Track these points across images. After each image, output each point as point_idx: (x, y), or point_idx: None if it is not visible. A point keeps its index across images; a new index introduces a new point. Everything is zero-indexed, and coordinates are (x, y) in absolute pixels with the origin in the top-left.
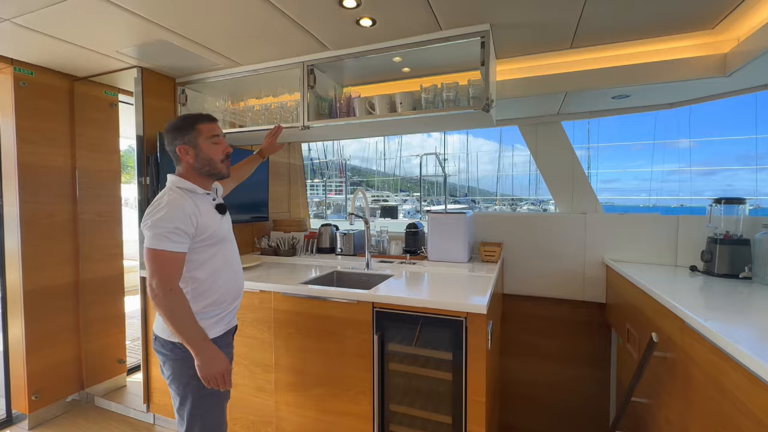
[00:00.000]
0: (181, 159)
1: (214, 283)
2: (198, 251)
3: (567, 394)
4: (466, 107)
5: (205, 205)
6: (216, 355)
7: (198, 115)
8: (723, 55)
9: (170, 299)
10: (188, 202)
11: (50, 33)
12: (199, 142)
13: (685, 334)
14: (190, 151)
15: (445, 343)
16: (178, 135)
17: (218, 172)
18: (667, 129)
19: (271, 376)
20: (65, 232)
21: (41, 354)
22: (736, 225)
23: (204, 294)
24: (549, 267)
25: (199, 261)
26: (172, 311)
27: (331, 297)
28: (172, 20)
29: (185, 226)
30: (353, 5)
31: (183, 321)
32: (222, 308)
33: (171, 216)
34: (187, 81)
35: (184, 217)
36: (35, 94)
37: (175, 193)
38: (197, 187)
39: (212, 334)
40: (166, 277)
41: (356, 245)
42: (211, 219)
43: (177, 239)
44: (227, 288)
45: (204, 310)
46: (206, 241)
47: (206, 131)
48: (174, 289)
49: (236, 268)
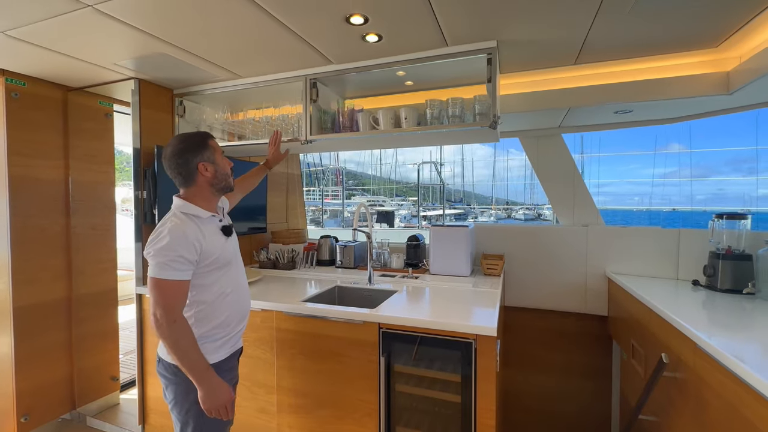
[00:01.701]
0: (198, 176)
1: (219, 306)
2: (203, 276)
3: (568, 406)
4: (473, 123)
5: (210, 228)
6: (219, 386)
7: (204, 133)
8: (726, 73)
9: (174, 330)
10: (191, 228)
11: (45, 45)
12: (216, 157)
13: (698, 356)
14: (209, 167)
15: (453, 365)
16: (198, 152)
17: (230, 185)
18: (666, 136)
19: (273, 398)
20: (57, 246)
21: (31, 373)
22: (738, 240)
23: (209, 317)
24: (550, 279)
25: (204, 285)
26: (176, 342)
27: (336, 317)
28: (173, 34)
29: (188, 253)
30: (360, 21)
31: (186, 352)
32: (228, 331)
33: (173, 244)
34: (185, 92)
35: (187, 244)
36: (28, 105)
37: (178, 219)
38: (202, 211)
39: (217, 357)
40: (169, 308)
41: (357, 257)
42: (216, 243)
43: (180, 267)
44: (233, 310)
45: (209, 333)
46: (211, 266)
47: (217, 148)
48: (178, 320)
49: (242, 290)
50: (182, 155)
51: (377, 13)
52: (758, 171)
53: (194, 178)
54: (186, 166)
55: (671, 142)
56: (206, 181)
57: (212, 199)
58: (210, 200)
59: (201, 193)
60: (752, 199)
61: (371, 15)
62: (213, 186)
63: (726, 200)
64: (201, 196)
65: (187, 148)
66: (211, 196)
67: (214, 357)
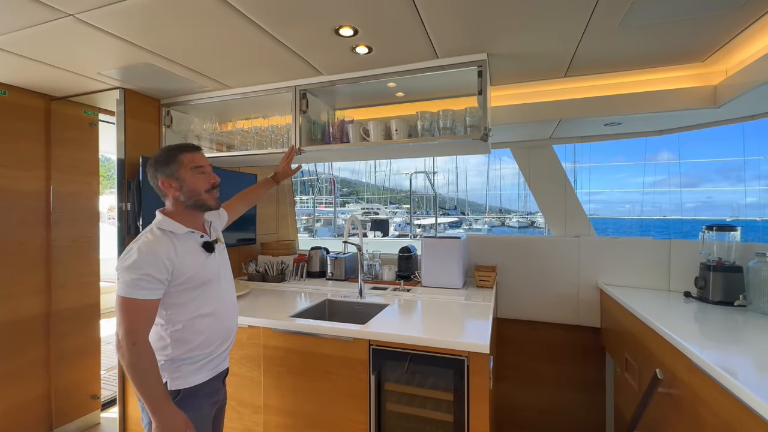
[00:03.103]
0: (166, 194)
1: (197, 327)
2: (177, 294)
3: (562, 419)
4: (464, 136)
5: (187, 246)
6: (175, 419)
7: (181, 146)
8: (713, 87)
9: (133, 353)
10: (164, 246)
11: (25, 54)
12: (182, 173)
13: (693, 373)
14: (173, 183)
15: (445, 383)
16: (159, 168)
17: (204, 203)
18: (655, 146)
19: (260, 418)
20: (37, 261)
21: (6, 392)
22: (728, 252)
23: (186, 338)
24: (543, 290)
25: (178, 305)
26: (133, 365)
27: (325, 334)
28: (159, 44)
29: (156, 272)
30: (350, 33)
31: (143, 377)
32: (208, 352)
33: (141, 262)
34: (172, 102)
35: (156, 262)
36: (8, 114)
37: (151, 236)
38: (179, 227)
39: (195, 381)
40: (131, 328)
41: (348, 269)
42: (192, 261)
43: (147, 286)
44: (213, 331)
45: (187, 354)
46: (184, 285)
47: (188, 161)
48: (138, 343)
49: (226, 309)
50: (150, 169)
51: (366, 25)
52: (746, 180)
53: (164, 193)
54: (153, 180)
55: (660, 151)
56: (173, 197)
57: (190, 215)
58: (188, 216)
59: (176, 209)
60: (740, 207)
61: (360, 27)
62: (182, 203)
63: (714, 208)
64: (178, 212)
65: (153, 162)
66: (188, 212)
67: (192, 380)
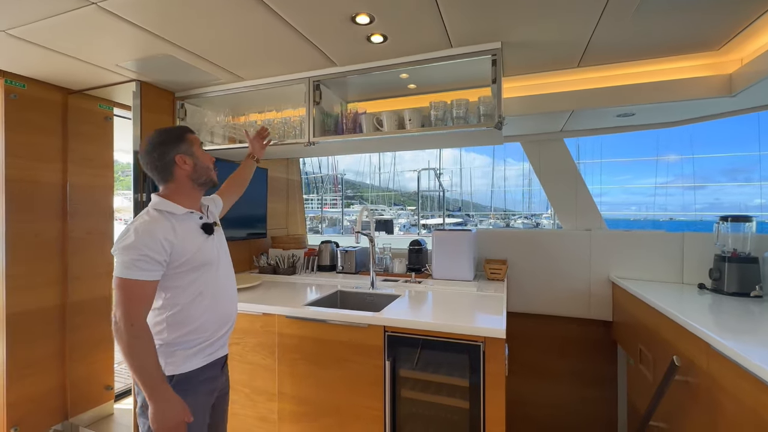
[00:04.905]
0: (176, 171)
1: (194, 310)
2: (176, 277)
3: (573, 414)
4: (478, 125)
5: (186, 226)
6: (174, 405)
7: (182, 127)
8: (728, 76)
9: (131, 334)
10: (162, 226)
11: (47, 45)
12: (195, 151)
13: (712, 358)
14: (188, 160)
15: (460, 370)
16: (175, 146)
17: (212, 179)
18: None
19: (275, 405)
20: (53, 252)
21: (23, 383)
22: (743, 243)
23: (183, 321)
24: (553, 284)
25: (179, 287)
26: (131, 348)
27: (340, 320)
28: (177, 34)
29: (155, 253)
30: (366, 21)
31: (140, 360)
32: (204, 337)
33: (139, 242)
34: (186, 95)
35: (154, 243)
36: (27, 107)
37: (148, 216)
38: (178, 207)
39: (190, 366)
40: (129, 310)
41: (358, 263)
42: (192, 242)
43: (146, 267)
44: (211, 314)
45: (182, 338)
46: (185, 266)
47: (196, 141)
48: (136, 324)
49: (225, 293)
50: (158, 148)
51: (383, 12)
52: (755, 179)
53: (172, 171)
54: (162, 159)
55: (667, 152)
56: (185, 174)
57: (193, 194)
58: (191, 196)
59: (181, 189)
60: (748, 209)
61: (377, 14)
62: (193, 180)
63: (722, 209)
64: (181, 192)
65: (164, 141)
66: (192, 191)
67: (187, 366)
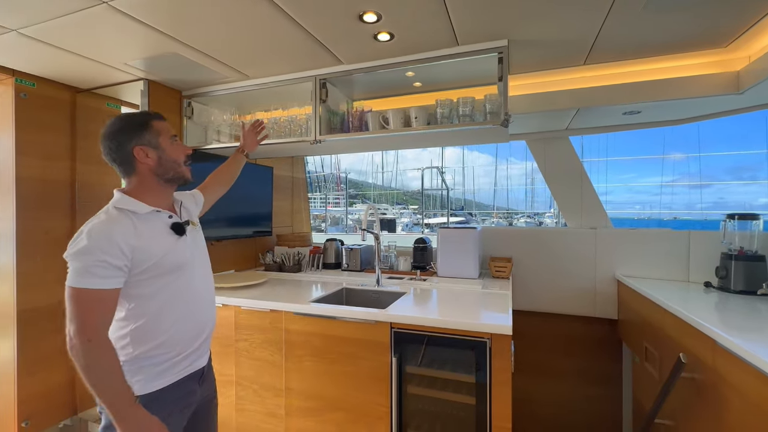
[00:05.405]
0: (137, 164)
1: (163, 322)
2: (141, 284)
3: (577, 412)
4: (484, 122)
5: (152, 227)
6: (147, 425)
7: (148, 113)
8: (736, 73)
9: (88, 350)
10: (122, 227)
11: (58, 44)
12: (161, 142)
13: (718, 355)
14: (151, 153)
15: (466, 366)
16: (135, 135)
17: (182, 175)
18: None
19: (282, 401)
20: (61, 249)
21: (34, 378)
22: (750, 241)
23: (150, 334)
24: (558, 282)
25: (144, 296)
26: (89, 366)
27: (347, 317)
28: (186, 32)
29: (112, 257)
30: (374, 19)
31: (105, 380)
32: (176, 351)
33: (92, 246)
34: (193, 94)
35: (111, 247)
36: (36, 105)
37: (105, 216)
38: (142, 206)
39: (160, 384)
40: (86, 323)
41: (363, 261)
42: (158, 244)
43: (102, 273)
44: (184, 325)
45: (150, 353)
46: (150, 272)
47: (164, 130)
48: (94, 339)
49: (200, 299)
50: (116, 137)
51: (391, 10)
52: (761, 178)
53: (133, 165)
54: (120, 150)
55: (674, 150)
56: (148, 169)
57: (161, 191)
58: (158, 192)
59: (145, 185)
60: (753, 208)
61: (385, 12)
62: (158, 175)
63: (727, 208)
64: (145, 188)
65: (122, 129)
66: (159, 187)
67: (156, 384)
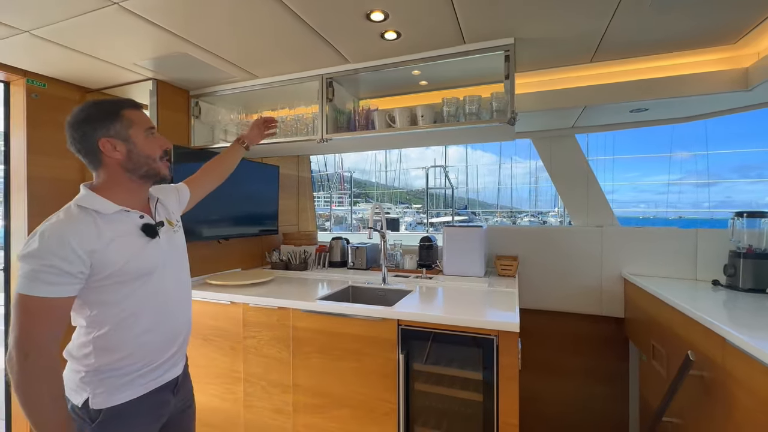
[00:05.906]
0: (104, 158)
1: (127, 333)
2: (103, 290)
3: (584, 411)
4: (491, 120)
5: (117, 228)
6: None
7: (120, 100)
8: (744, 70)
9: (23, 368)
10: (80, 228)
11: (69, 45)
12: (132, 135)
13: (727, 352)
14: (119, 146)
15: (473, 363)
16: (102, 125)
17: (158, 172)
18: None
19: (289, 397)
20: None
21: None
22: (759, 239)
23: (114, 344)
24: (565, 281)
25: (106, 303)
26: (22, 386)
27: (354, 314)
28: (195, 32)
29: (64, 262)
30: (381, 18)
31: (36, 403)
32: (144, 362)
33: (43, 250)
34: (201, 93)
35: (62, 250)
36: (47, 106)
37: (64, 215)
38: (107, 205)
39: (125, 397)
40: (26, 334)
41: (369, 259)
42: (124, 249)
43: (53, 280)
44: (153, 336)
45: (115, 365)
46: (114, 278)
47: (138, 121)
48: (32, 355)
49: (171, 307)
50: (81, 127)
51: (398, 8)
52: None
53: (99, 158)
54: (84, 142)
55: (681, 149)
56: (116, 163)
57: (133, 188)
58: (130, 189)
59: (114, 181)
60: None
61: (392, 11)
62: (128, 171)
63: (734, 207)
64: (114, 185)
65: (88, 118)
66: (131, 184)
67: (120, 396)
